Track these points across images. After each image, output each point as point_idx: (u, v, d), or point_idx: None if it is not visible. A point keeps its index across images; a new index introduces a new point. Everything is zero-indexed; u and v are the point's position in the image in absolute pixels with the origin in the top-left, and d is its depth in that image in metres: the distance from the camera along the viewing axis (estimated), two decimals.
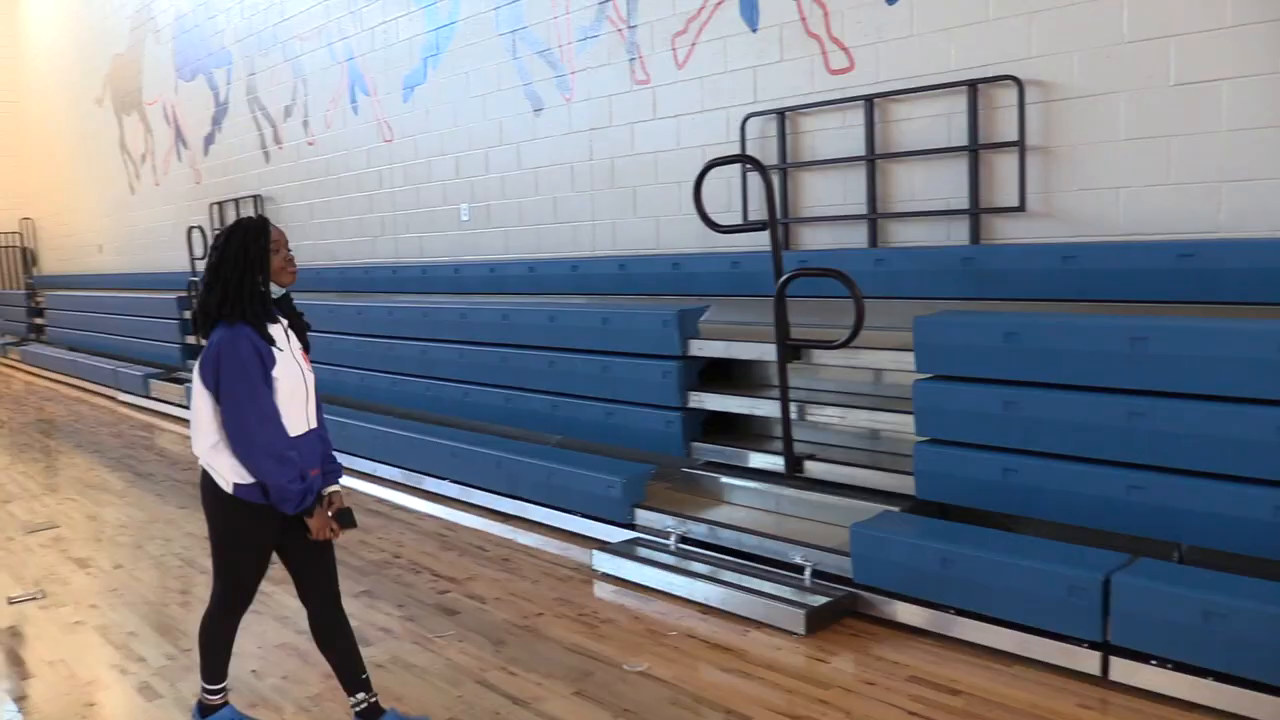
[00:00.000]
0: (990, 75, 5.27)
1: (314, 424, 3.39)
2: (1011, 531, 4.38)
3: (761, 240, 5.48)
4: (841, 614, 4.42)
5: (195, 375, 3.25)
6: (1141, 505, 3.98)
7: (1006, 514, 4.47)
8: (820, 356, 5.20)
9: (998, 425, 4.37)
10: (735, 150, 6.39)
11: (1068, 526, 4.25)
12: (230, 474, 3.22)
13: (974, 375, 4.50)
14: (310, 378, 3.39)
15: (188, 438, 3.50)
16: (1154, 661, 3.59)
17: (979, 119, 5.35)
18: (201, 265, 12.40)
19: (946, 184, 5.54)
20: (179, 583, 5.41)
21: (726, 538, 5.04)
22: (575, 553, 5.54)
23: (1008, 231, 5.33)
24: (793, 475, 5.27)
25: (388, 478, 7.35)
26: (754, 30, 6.43)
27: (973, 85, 5.33)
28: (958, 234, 5.51)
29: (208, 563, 3.27)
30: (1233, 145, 4.57)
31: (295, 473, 3.20)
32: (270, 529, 3.31)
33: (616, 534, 5.52)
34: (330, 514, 3.34)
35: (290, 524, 3.31)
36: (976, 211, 5.39)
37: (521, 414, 6.92)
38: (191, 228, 12.28)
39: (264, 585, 5.19)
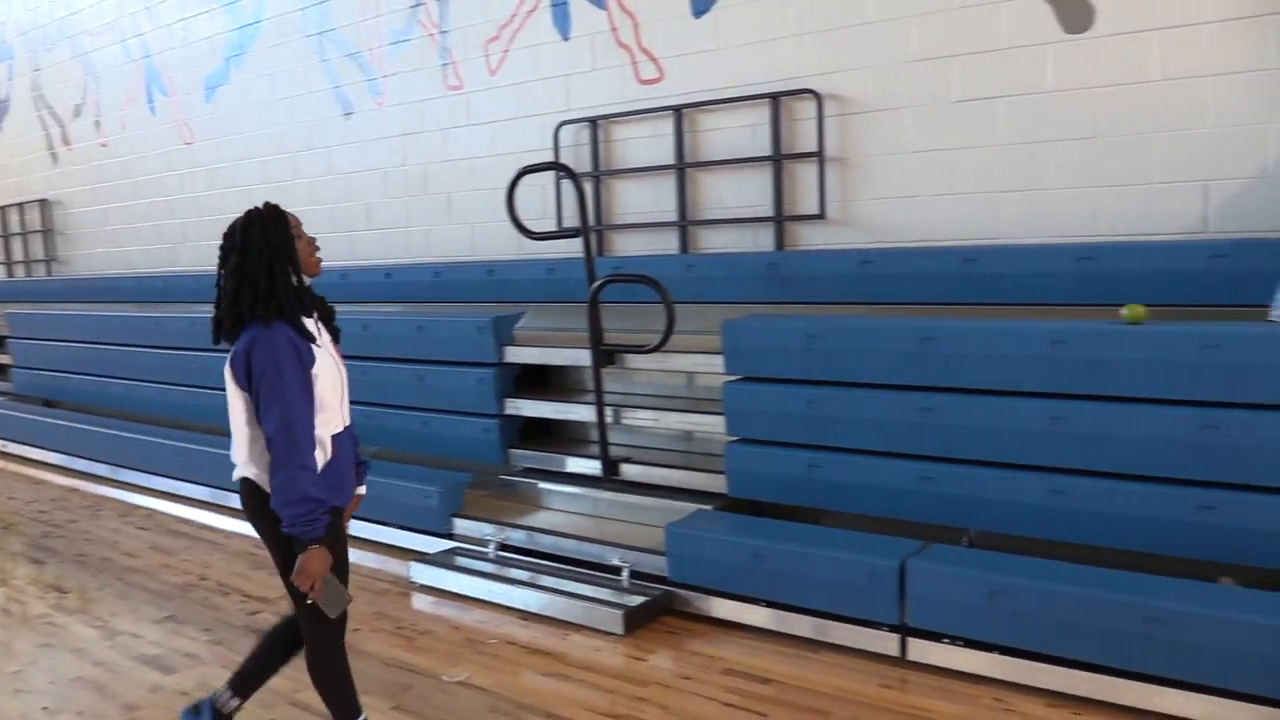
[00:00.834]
0: (791, 89, 5.50)
1: (348, 421, 3.15)
2: (817, 524, 4.58)
3: (577, 247, 5.54)
4: (659, 612, 4.51)
5: (226, 376, 2.98)
6: (933, 494, 4.24)
7: (812, 508, 4.67)
8: (634, 361, 5.30)
9: (802, 424, 4.57)
10: (550, 157, 6.44)
11: (868, 517, 4.48)
12: None
13: (779, 376, 4.68)
14: (343, 371, 3.15)
15: None
16: (946, 640, 3.83)
17: (781, 130, 5.58)
18: None
19: (752, 192, 5.75)
20: None
21: (545, 543, 5.06)
22: (393, 565, 5.43)
23: (809, 238, 5.59)
24: (609, 478, 5.35)
25: (193, 496, 7.01)
26: (566, 39, 6.50)
27: (775, 98, 5.56)
28: (763, 240, 5.73)
29: None
30: (1008, 158, 4.94)
31: (297, 494, 2.84)
32: (332, 526, 3.00)
33: (435, 544, 5.44)
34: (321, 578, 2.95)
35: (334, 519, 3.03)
36: (780, 219, 5.62)
37: None
38: None
39: (55, 615, 4.94)
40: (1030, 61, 4.83)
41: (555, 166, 5.59)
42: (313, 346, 2.98)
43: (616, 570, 4.70)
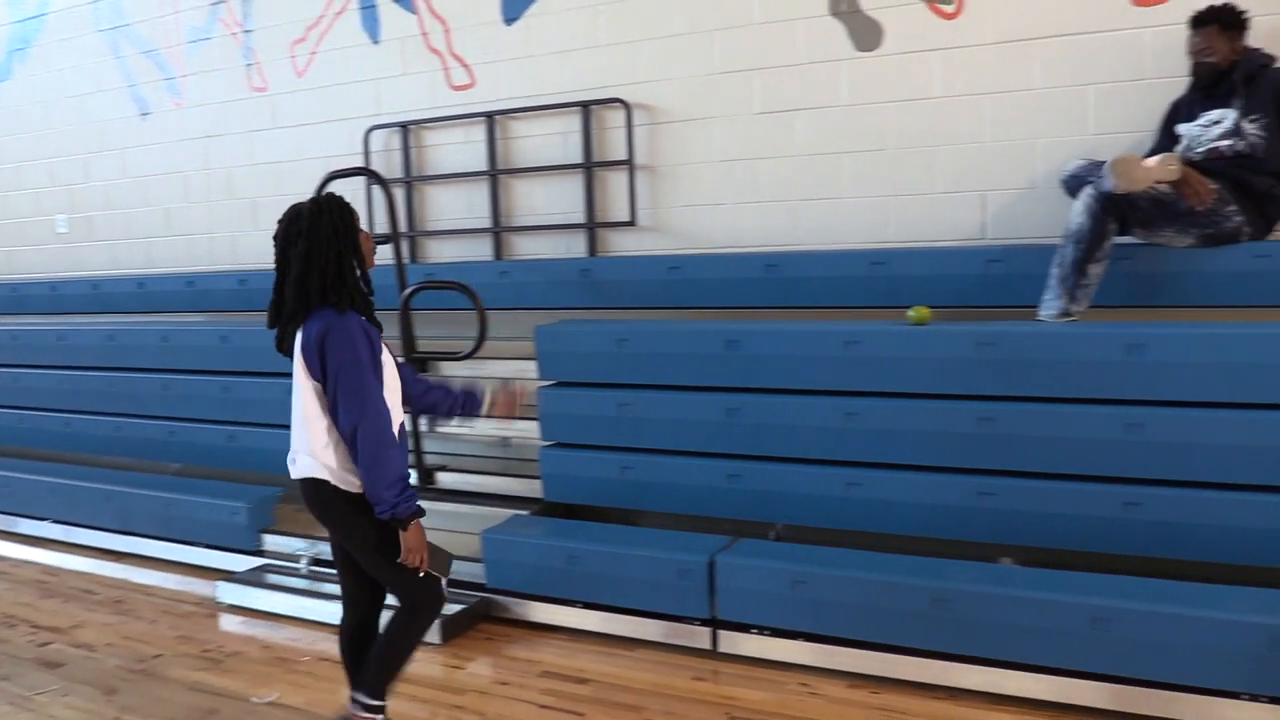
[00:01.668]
0: (601, 98, 5.60)
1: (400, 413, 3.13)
2: (631, 525, 4.68)
3: (388, 253, 5.46)
4: (477, 620, 4.50)
5: (297, 366, 3.00)
6: (740, 491, 4.39)
7: (626, 509, 4.75)
8: (447, 368, 5.28)
9: (614, 427, 4.65)
10: (359, 162, 6.33)
11: (680, 515, 4.59)
12: (354, 472, 2.98)
13: (591, 380, 4.75)
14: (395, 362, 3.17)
15: None
16: (755, 630, 3.97)
17: (592, 138, 5.67)
18: None
19: (565, 199, 5.81)
20: None
21: None
22: (198, 586, 5.22)
23: (621, 244, 5.70)
24: (425, 487, 5.29)
25: None
26: (375, 42, 6.40)
27: (586, 106, 5.64)
28: (576, 246, 5.81)
29: None
30: (807, 168, 5.18)
31: (392, 476, 2.92)
32: None
33: (244, 562, 5.26)
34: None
35: None
36: (593, 225, 5.71)
37: (134, 443, 6.41)
38: None
39: None
40: (825, 77, 5.08)
41: (363, 172, 5.50)
42: (380, 337, 3.04)
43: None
